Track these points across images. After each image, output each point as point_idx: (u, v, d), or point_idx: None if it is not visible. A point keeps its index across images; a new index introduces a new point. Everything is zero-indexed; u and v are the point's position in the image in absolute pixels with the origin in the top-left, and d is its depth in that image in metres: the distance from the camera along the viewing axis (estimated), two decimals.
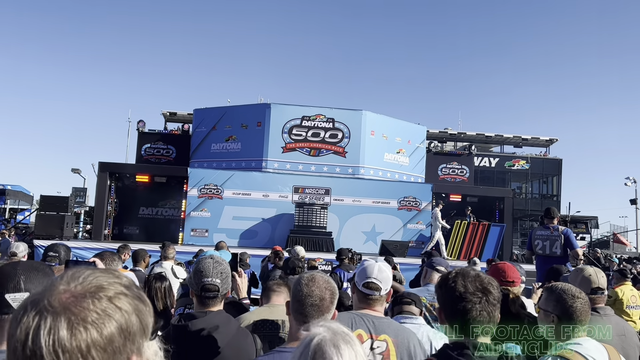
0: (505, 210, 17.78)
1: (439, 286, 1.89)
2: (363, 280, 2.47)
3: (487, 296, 1.79)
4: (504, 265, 3.50)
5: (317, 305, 1.96)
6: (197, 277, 2.35)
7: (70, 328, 0.77)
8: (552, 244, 6.77)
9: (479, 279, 1.82)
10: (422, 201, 17.67)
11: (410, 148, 19.85)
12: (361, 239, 16.72)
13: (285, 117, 18.48)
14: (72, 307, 0.80)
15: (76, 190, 28.05)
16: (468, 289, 1.78)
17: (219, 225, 16.82)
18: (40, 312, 0.79)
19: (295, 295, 2.01)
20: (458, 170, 21.16)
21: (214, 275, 2.36)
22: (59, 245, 3.70)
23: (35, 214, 16.27)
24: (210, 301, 2.36)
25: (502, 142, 36.83)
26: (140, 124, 20.94)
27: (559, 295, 2.41)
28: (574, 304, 2.36)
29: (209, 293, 2.34)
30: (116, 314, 0.82)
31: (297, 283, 2.04)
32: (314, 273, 2.08)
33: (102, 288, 0.84)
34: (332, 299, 2.01)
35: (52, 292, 0.81)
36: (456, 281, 1.81)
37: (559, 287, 2.46)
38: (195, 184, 17.03)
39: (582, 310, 2.36)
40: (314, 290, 1.98)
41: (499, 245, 15.94)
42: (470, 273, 1.84)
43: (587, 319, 2.38)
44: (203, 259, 2.44)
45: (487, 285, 1.81)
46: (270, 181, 17.38)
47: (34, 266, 1.66)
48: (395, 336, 2.36)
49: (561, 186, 36.22)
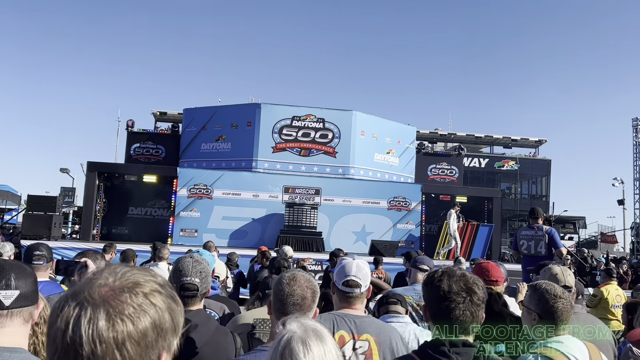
0: (494, 210, 17.89)
1: (424, 284, 1.90)
2: (342, 278, 2.48)
3: (472, 296, 1.79)
4: (487, 264, 3.54)
5: (299, 304, 1.96)
6: (176, 277, 2.34)
7: (108, 319, 0.82)
8: (536, 243, 6.85)
9: (464, 279, 1.82)
10: (412, 201, 17.73)
11: (400, 148, 19.91)
12: (351, 239, 16.74)
13: (276, 117, 18.46)
14: (110, 300, 0.84)
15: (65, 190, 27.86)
16: (452, 288, 1.78)
17: (208, 225, 16.75)
18: (81, 303, 0.84)
19: (277, 295, 2.00)
20: (447, 171, 21.26)
21: (193, 274, 2.35)
22: (43, 244, 3.67)
23: (22, 214, 16.13)
24: (189, 300, 2.34)
25: (492, 142, 37.13)
26: (129, 123, 20.82)
27: (541, 295, 2.44)
28: (556, 303, 2.38)
29: (188, 292, 2.33)
30: (151, 310, 0.86)
31: (278, 282, 2.04)
32: (295, 272, 2.07)
33: (139, 284, 0.88)
34: (314, 298, 2.02)
35: (92, 286, 0.86)
36: (442, 280, 1.81)
37: (542, 287, 2.49)
38: (184, 184, 16.95)
39: (564, 310, 2.38)
40: (296, 289, 1.98)
41: (488, 245, 16.05)
42: (456, 272, 1.84)
43: (569, 318, 2.41)
44: (182, 259, 2.43)
45: (472, 285, 1.81)
46: (260, 181, 17.35)
47: (20, 265, 1.67)
48: (377, 335, 2.37)
49: (550, 187, 36.57)
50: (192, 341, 2.20)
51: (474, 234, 15.80)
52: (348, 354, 2.32)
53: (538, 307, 2.42)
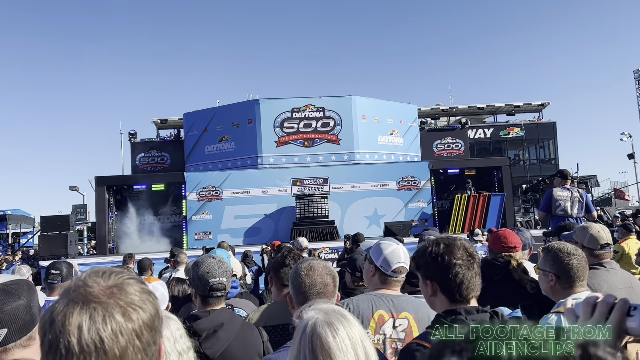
0: (504, 179, 17.80)
1: (428, 256, 1.87)
2: (393, 265, 2.49)
3: (475, 261, 1.82)
4: (504, 231, 3.51)
5: (323, 293, 1.95)
6: (203, 278, 2.35)
7: (123, 313, 0.85)
8: (573, 204, 6.67)
9: (464, 246, 1.84)
10: (421, 179, 17.68)
11: (403, 128, 19.83)
12: (364, 223, 16.74)
13: (275, 111, 18.44)
14: (117, 296, 0.87)
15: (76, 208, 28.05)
16: (462, 256, 1.79)
17: (221, 226, 16.84)
18: (86, 305, 0.85)
19: (297, 288, 1.98)
20: (453, 145, 21.18)
21: (220, 274, 2.37)
22: (61, 262, 3.69)
23: (37, 236, 16.27)
24: (217, 300, 2.37)
25: (495, 111, 36.79)
26: (132, 134, 20.91)
27: (555, 255, 2.42)
28: (570, 261, 2.37)
29: (217, 292, 2.35)
30: (150, 297, 0.92)
31: (296, 275, 2.01)
32: (310, 261, 2.05)
33: (132, 278, 0.93)
34: (335, 283, 2.01)
35: (90, 287, 0.88)
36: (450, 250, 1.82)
37: (554, 247, 2.48)
38: (193, 188, 17.02)
39: (579, 267, 2.37)
40: (316, 278, 1.97)
41: (501, 214, 15.98)
42: (455, 242, 1.85)
43: (585, 274, 2.40)
44: (205, 259, 2.44)
45: (472, 250, 1.84)
46: (267, 177, 17.37)
47: (9, 292, 1.52)
48: (416, 312, 2.38)
49: (558, 149, 36.26)
50: (220, 339, 2.22)
51: (486, 205, 15.73)
52: (389, 332, 2.35)
53: (554, 268, 2.41)
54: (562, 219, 6.63)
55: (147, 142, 21.27)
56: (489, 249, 3.53)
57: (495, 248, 3.40)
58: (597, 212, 7.76)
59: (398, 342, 2.37)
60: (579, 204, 6.68)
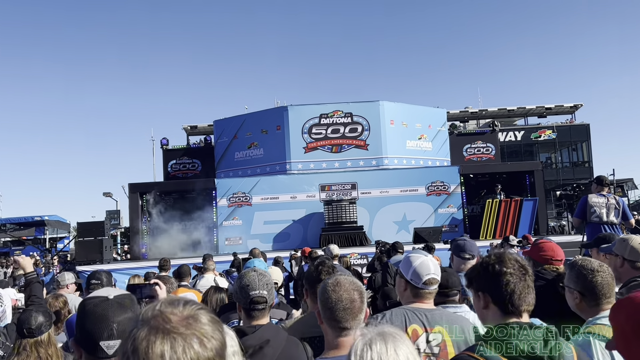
0: (536, 183, 17.45)
1: (481, 270, 1.90)
2: (423, 277, 2.48)
3: (528, 274, 1.82)
4: (549, 243, 3.42)
5: (349, 309, 1.95)
6: (244, 292, 2.39)
7: (200, 343, 0.93)
8: (609, 211, 6.55)
9: (516, 259, 1.86)
10: (451, 184, 17.51)
11: (432, 132, 19.68)
12: (393, 229, 16.66)
13: (304, 118, 18.55)
14: (193, 326, 0.95)
15: (110, 213, 28.75)
16: (510, 268, 1.81)
17: (251, 231, 17.01)
18: (167, 335, 0.93)
19: (325, 303, 2.00)
20: (483, 149, 20.88)
21: (261, 287, 2.40)
22: (101, 272, 3.81)
23: (74, 241, 16.72)
24: (259, 313, 2.40)
25: (526, 114, 36.14)
26: (163, 141, 21.31)
27: (578, 272, 2.36)
28: (594, 278, 2.30)
29: (258, 305, 2.38)
30: (219, 326, 1.00)
31: (323, 291, 2.03)
32: (337, 277, 2.07)
33: (202, 308, 1.01)
34: (362, 299, 2.01)
35: (168, 317, 0.95)
36: (501, 262, 1.84)
37: (578, 263, 2.41)
38: (223, 194, 17.26)
39: (604, 284, 2.30)
40: (342, 294, 1.97)
41: (534, 219, 15.66)
42: (507, 254, 1.87)
43: (612, 291, 2.32)
44: (246, 273, 2.48)
45: (525, 264, 1.85)
46: (296, 182, 17.48)
47: (123, 306, 1.61)
48: (450, 326, 2.37)
49: (592, 152, 35.36)
50: (266, 356, 2.23)
51: (518, 210, 15.45)
52: (422, 347, 2.34)
53: (578, 285, 2.35)
54: (597, 225, 6.51)
55: (178, 149, 21.65)
56: (530, 259, 3.45)
57: (539, 260, 3.32)
58: (635, 219, 7.56)
59: (432, 357, 2.36)
60: (615, 210, 6.53)
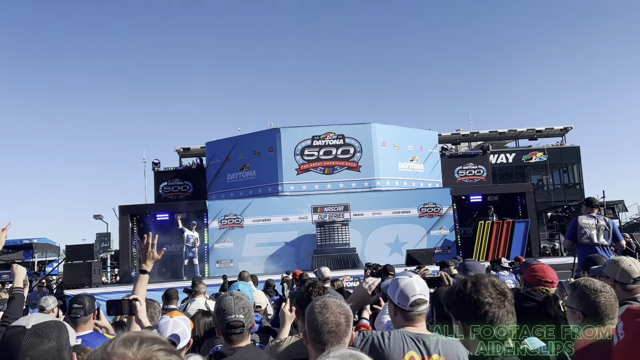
0: (528, 205, 17.51)
1: (457, 298, 1.86)
2: (410, 299, 2.43)
3: (507, 299, 1.79)
4: (541, 265, 3.42)
5: (334, 332, 1.95)
6: (220, 316, 2.37)
7: None
8: (599, 233, 6.57)
9: (494, 284, 1.82)
10: (443, 206, 17.52)
11: (424, 154, 19.78)
12: (386, 251, 16.59)
13: (296, 139, 18.60)
14: None
15: (100, 236, 28.47)
16: (492, 294, 1.77)
17: (242, 254, 16.88)
18: None
19: (310, 324, 2.00)
20: (475, 171, 20.99)
21: (237, 311, 2.37)
22: (83, 296, 3.72)
23: (62, 264, 16.49)
24: (237, 337, 2.36)
25: (517, 136, 36.52)
26: (155, 163, 21.26)
27: (581, 292, 2.35)
28: (597, 298, 2.29)
29: (235, 330, 2.36)
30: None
31: (310, 312, 2.03)
32: (325, 299, 2.06)
33: (161, 350, 0.90)
34: (348, 323, 2.00)
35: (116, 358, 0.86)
36: (477, 289, 1.80)
37: (581, 283, 2.40)
38: (215, 216, 17.16)
39: (607, 304, 2.29)
40: (329, 316, 1.97)
41: (526, 241, 15.67)
42: (484, 280, 1.83)
43: (615, 311, 2.31)
44: (223, 297, 2.46)
45: (504, 288, 1.82)
46: (288, 204, 17.42)
47: (41, 336, 1.54)
48: (445, 354, 2.32)
49: (582, 174, 35.68)
50: None
51: (510, 232, 15.46)
52: None
53: (580, 305, 2.34)
54: (588, 247, 6.53)
55: (170, 171, 21.59)
56: (523, 280, 3.44)
57: (531, 281, 3.32)
58: (625, 240, 7.57)
59: None
60: (605, 232, 6.57)
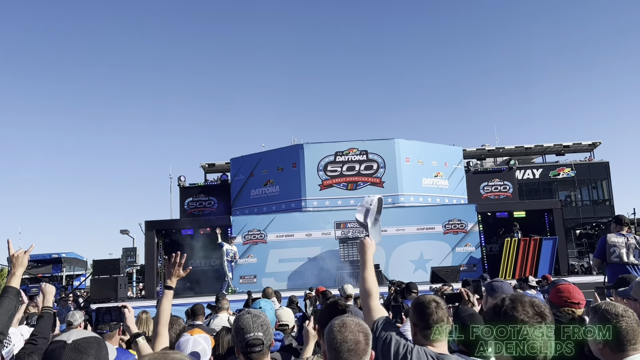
0: (555, 221, 17.16)
1: (494, 314, 1.86)
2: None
3: (545, 321, 1.78)
4: (567, 286, 3.35)
5: (354, 350, 1.96)
6: (239, 335, 2.37)
7: None
8: (629, 251, 6.43)
9: (535, 304, 1.81)
10: (468, 223, 17.30)
11: (448, 170, 19.61)
12: (410, 268, 16.42)
13: (319, 155, 18.67)
14: None
15: (126, 251, 28.92)
16: (528, 314, 1.77)
17: (266, 269, 16.92)
18: None
19: (330, 344, 2.00)
20: (501, 187, 20.70)
21: (256, 329, 2.37)
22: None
23: (89, 279, 16.78)
24: (256, 355, 2.36)
25: (543, 152, 35.93)
26: (181, 178, 21.58)
27: (602, 316, 2.29)
28: (619, 323, 2.23)
29: (254, 348, 2.36)
30: None
31: (329, 331, 2.03)
32: (343, 318, 2.07)
33: None
34: (367, 341, 2.01)
35: None
36: (515, 308, 1.80)
37: (602, 307, 2.34)
38: (239, 231, 17.28)
39: (629, 329, 2.22)
40: (348, 335, 1.98)
41: (554, 259, 15.32)
42: (524, 299, 1.84)
43: (637, 337, 2.24)
44: (241, 315, 2.47)
45: (544, 309, 1.81)
46: (311, 220, 17.44)
47: (81, 351, 1.61)
48: None
49: (612, 190, 34.82)
50: None
51: (537, 249, 15.14)
52: None
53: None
54: (617, 266, 6.39)
55: (195, 186, 21.88)
56: (549, 301, 3.38)
57: (556, 302, 3.25)
58: None
59: None
60: (636, 250, 6.44)
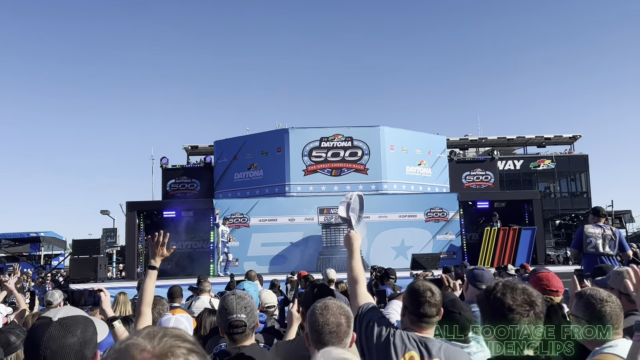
0: (534, 212, 17.46)
1: (484, 299, 1.88)
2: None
3: (534, 309, 1.79)
4: (547, 274, 3.41)
5: (335, 332, 1.99)
6: (222, 316, 2.39)
7: None
8: (605, 242, 6.56)
9: (526, 292, 1.82)
10: (449, 211, 17.50)
11: (432, 159, 19.75)
12: (391, 254, 16.58)
13: (304, 140, 18.64)
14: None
15: (107, 231, 28.66)
16: (517, 301, 1.77)
17: (248, 253, 16.93)
18: None
19: (312, 326, 2.03)
20: (482, 177, 20.93)
21: (239, 310, 2.39)
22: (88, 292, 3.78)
23: (69, 259, 16.62)
24: (239, 336, 2.39)
25: (525, 143, 36.38)
26: (163, 160, 21.35)
27: (587, 301, 2.38)
28: (603, 308, 2.32)
29: (236, 329, 2.38)
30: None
31: (311, 313, 2.06)
32: (326, 301, 2.10)
33: (178, 347, 0.90)
34: (349, 323, 2.04)
35: (132, 351, 0.87)
36: (505, 294, 1.80)
37: (587, 292, 2.43)
38: (221, 215, 17.20)
39: (613, 314, 2.32)
40: (329, 317, 2.01)
41: (532, 248, 15.61)
42: (517, 285, 1.84)
43: (620, 321, 2.34)
44: (226, 296, 2.49)
45: (535, 299, 1.82)
46: (294, 205, 17.46)
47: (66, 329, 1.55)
48: (447, 359, 2.33)
49: (590, 182, 35.47)
50: None
51: (516, 239, 15.40)
52: None
53: (586, 314, 2.37)
54: (593, 256, 6.53)
55: (178, 168, 21.67)
56: None
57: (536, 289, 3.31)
58: (632, 250, 7.54)
59: None
60: (611, 241, 6.56)
